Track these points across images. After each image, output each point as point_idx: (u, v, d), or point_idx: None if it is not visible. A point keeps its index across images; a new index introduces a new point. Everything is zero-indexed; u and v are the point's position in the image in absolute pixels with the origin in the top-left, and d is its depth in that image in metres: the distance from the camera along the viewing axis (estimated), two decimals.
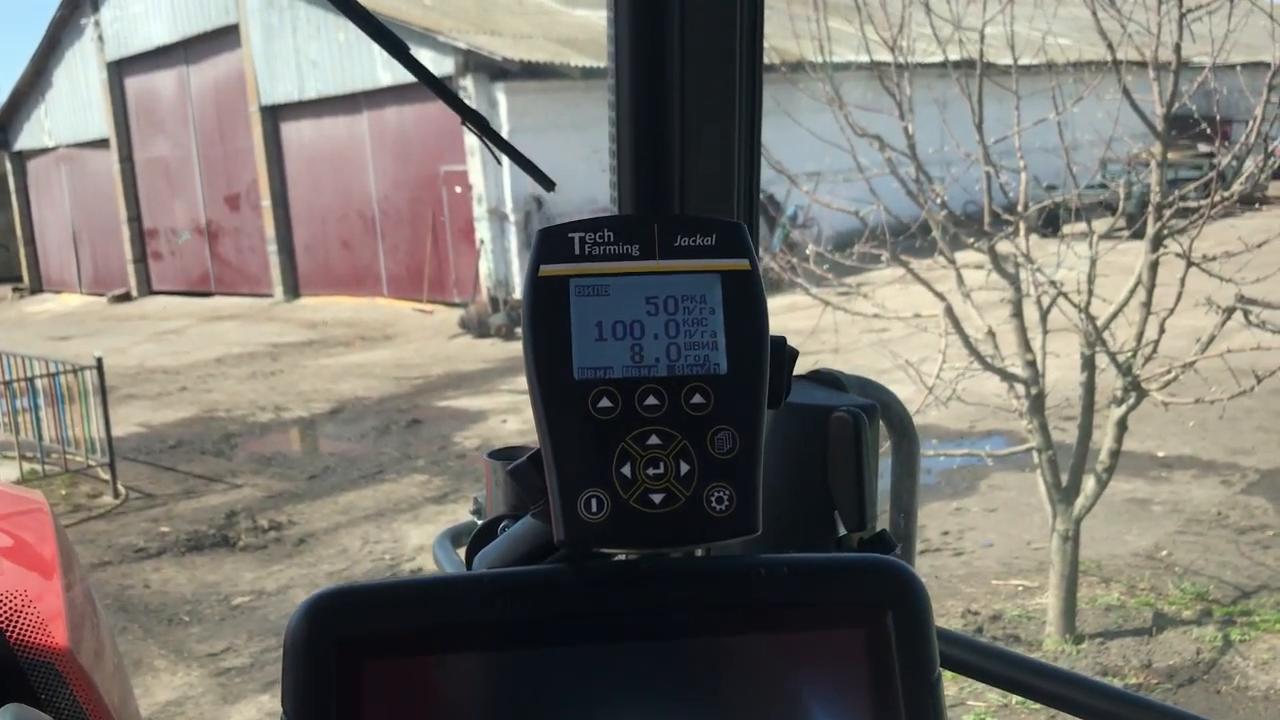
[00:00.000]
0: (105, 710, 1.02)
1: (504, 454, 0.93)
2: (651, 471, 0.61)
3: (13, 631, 0.98)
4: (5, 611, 0.99)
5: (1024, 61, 5.35)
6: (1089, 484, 5.09)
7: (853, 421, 0.89)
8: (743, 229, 0.65)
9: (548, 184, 1.06)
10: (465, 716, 0.60)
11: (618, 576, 0.63)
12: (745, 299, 0.64)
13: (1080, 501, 5.07)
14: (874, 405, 0.94)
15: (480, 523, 1.06)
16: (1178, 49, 4.63)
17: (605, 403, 0.62)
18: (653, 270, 0.64)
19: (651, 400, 0.62)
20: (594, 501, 0.61)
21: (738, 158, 1.02)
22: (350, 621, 0.59)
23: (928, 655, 0.61)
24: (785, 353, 0.68)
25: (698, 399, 0.62)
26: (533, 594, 0.62)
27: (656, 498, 0.61)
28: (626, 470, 0.61)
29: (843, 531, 0.91)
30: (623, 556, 0.66)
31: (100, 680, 1.06)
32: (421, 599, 0.61)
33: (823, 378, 1.03)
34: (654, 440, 0.62)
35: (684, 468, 0.61)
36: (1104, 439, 5.08)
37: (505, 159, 1.04)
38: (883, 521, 0.98)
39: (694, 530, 0.61)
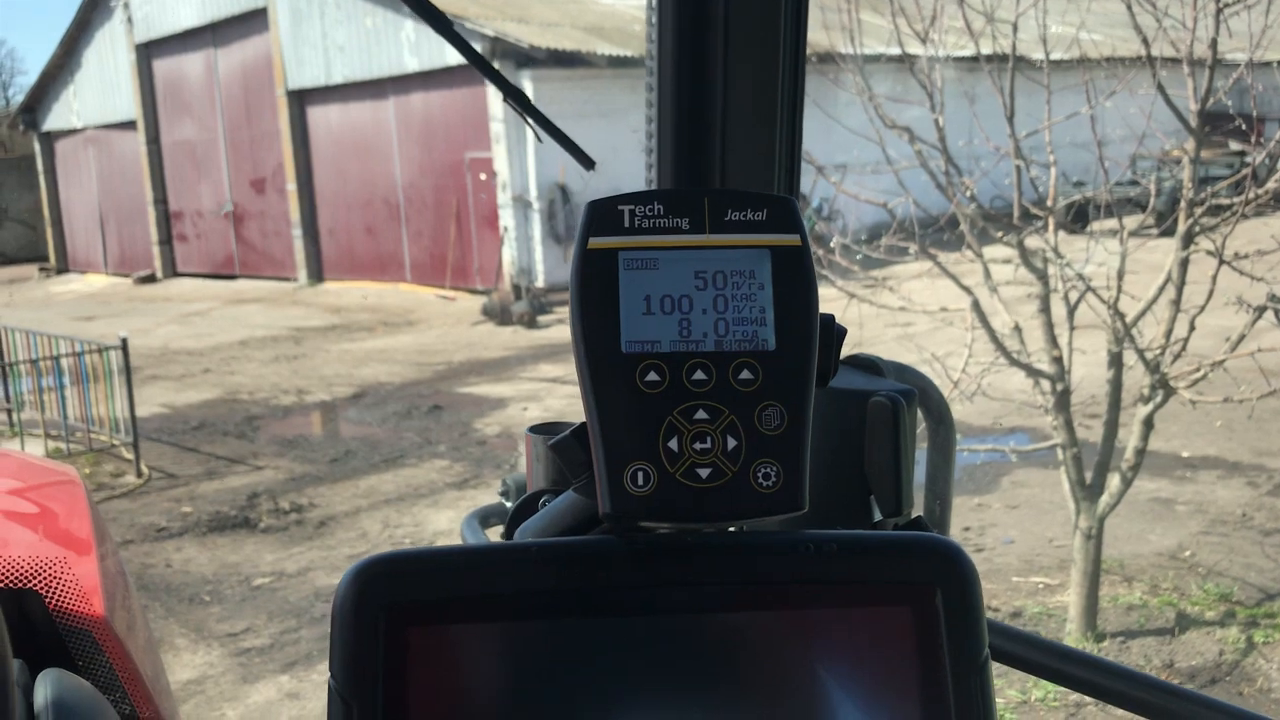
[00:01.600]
0: (140, 681, 1.02)
1: (545, 429, 0.93)
2: (698, 446, 0.61)
3: (51, 597, 0.98)
4: (44, 577, 0.99)
5: (1056, 56, 5.31)
6: (1113, 482, 5.06)
7: (891, 407, 0.89)
8: (794, 204, 0.65)
9: (588, 162, 1.05)
10: (509, 684, 0.60)
11: (664, 549, 0.62)
12: (795, 275, 0.64)
13: (1104, 499, 5.04)
14: (912, 391, 0.94)
15: (509, 505, 1.06)
16: (1214, 44, 4.58)
17: (653, 376, 0.62)
18: (702, 244, 0.64)
19: (699, 375, 0.62)
20: (640, 475, 0.60)
21: (779, 137, 1.01)
22: (398, 587, 0.59)
23: (976, 636, 0.61)
24: (833, 331, 0.67)
25: (746, 374, 0.62)
26: (580, 564, 0.62)
27: (703, 472, 0.61)
28: (673, 444, 0.61)
29: (878, 516, 0.90)
30: (665, 531, 0.66)
31: (134, 651, 1.06)
32: (469, 567, 0.61)
33: (861, 363, 1.02)
34: (701, 415, 0.61)
35: (731, 443, 0.61)
36: (1130, 437, 5.05)
37: (545, 136, 1.04)
38: (917, 509, 0.98)
39: (740, 505, 0.61)
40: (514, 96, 1.02)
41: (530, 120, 1.02)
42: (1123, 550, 5.92)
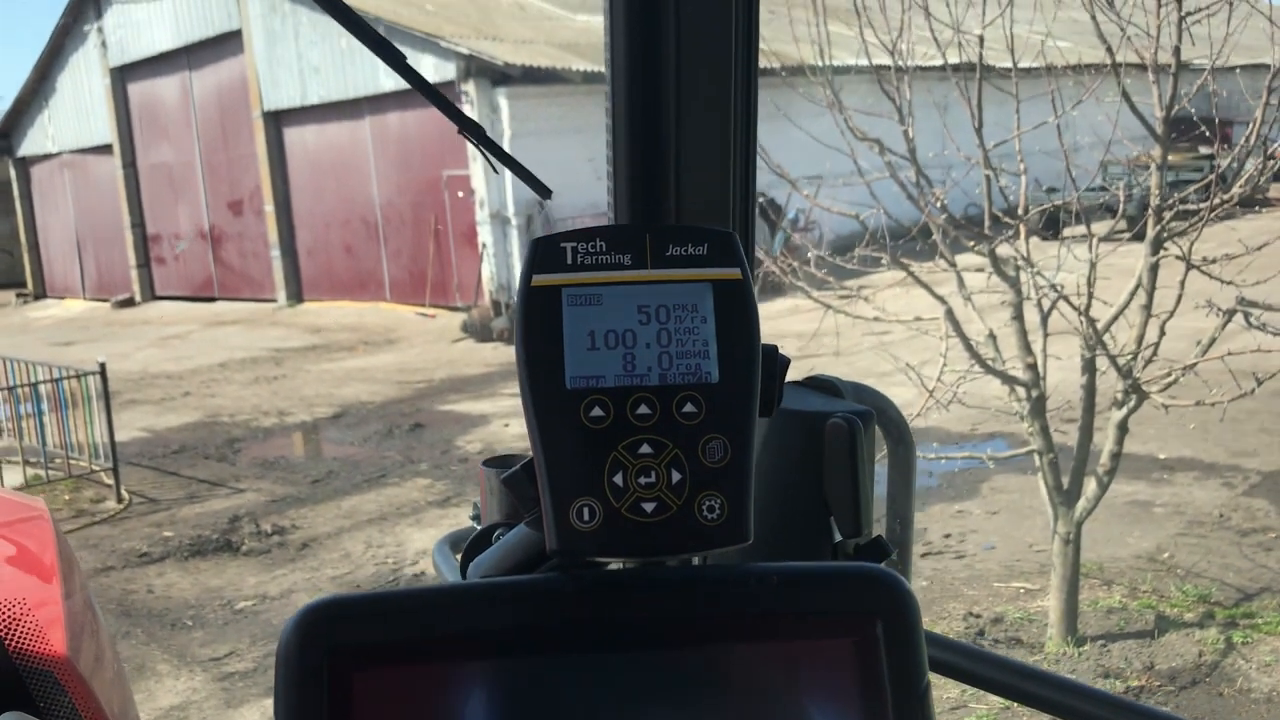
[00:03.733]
0: (104, 717, 1.02)
1: (499, 462, 0.94)
2: (643, 480, 0.61)
3: (11, 639, 0.98)
4: (4, 619, 0.99)
5: (1024, 64, 5.35)
6: (1090, 486, 5.09)
7: (848, 428, 0.89)
8: (734, 238, 0.66)
9: (544, 192, 1.06)
10: None
11: (609, 585, 0.63)
12: (737, 308, 0.65)
13: (1082, 504, 5.07)
14: (870, 411, 0.94)
15: (477, 529, 1.07)
16: (1177, 51, 4.63)
17: (597, 411, 0.62)
18: (645, 279, 0.65)
19: (643, 409, 0.63)
20: (586, 510, 0.61)
21: (733, 164, 1.02)
22: (342, 631, 0.59)
23: (917, 664, 0.62)
24: (777, 361, 0.68)
25: (689, 408, 0.63)
26: (525, 603, 0.62)
27: (648, 506, 0.61)
28: (619, 479, 0.61)
29: (838, 538, 0.91)
30: (615, 565, 0.66)
31: (99, 688, 1.06)
32: (413, 608, 0.61)
33: (819, 384, 1.03)
34: (645, 449, 0.62)
35: (675, 476, 0.62)
36: (1105, 441, 5.08)
37: (502, 167, 1.05)
38: (879, 528, 0.99)
39: (685, 539, 0.61)
40: (467, 126, 1.02)
41: (483, 149, 1.02)
42: (1101, 553, 5.95)
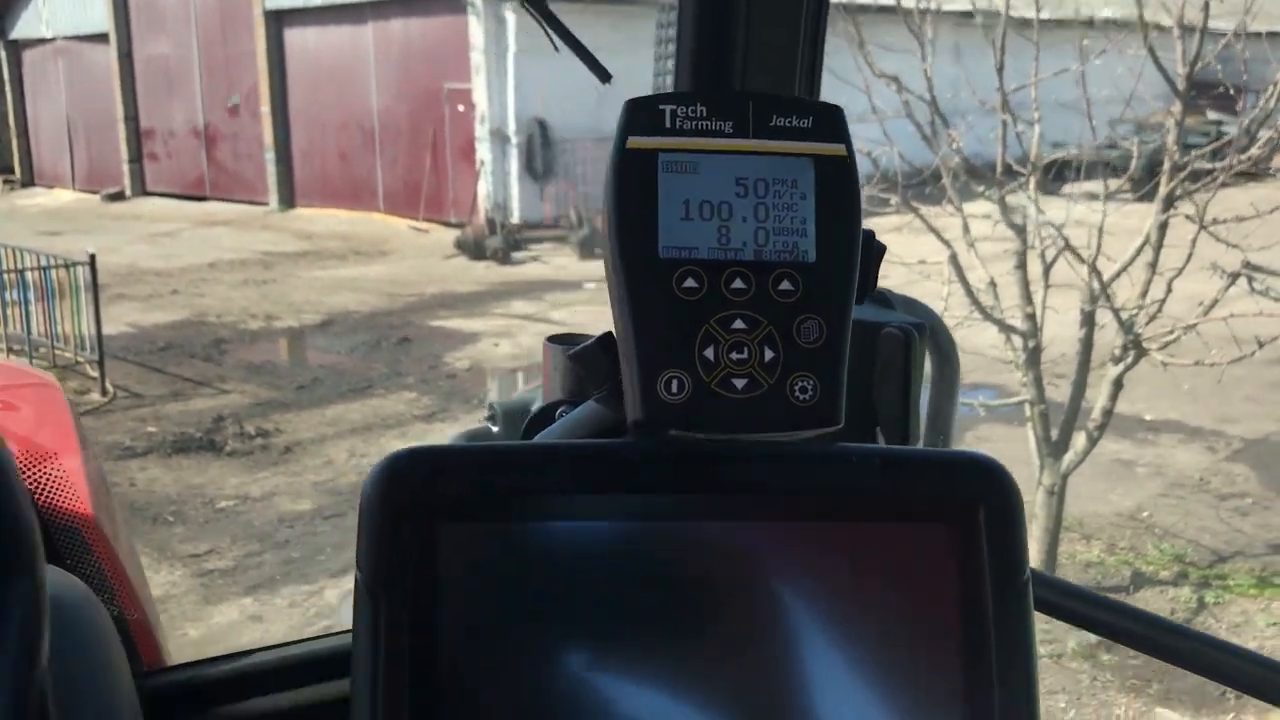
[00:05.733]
0: (127, 580, 1.01)
1: (563, 339, 0.92)
2: (735, 356, 0.60)
3: (41, 493, 0.96)
4: (34, 473, 0.97)
5: (1045, 15, 5.27)
6: (1079, 440, 5.11)
7: (904, 338, 0.88)
8: (841, 113, 0.63)
9: (604, 75, 1.03)
10: (537, 584, 0.59)
11: (701, 457, 0.61)
12: (839, 186, 0.62)
13: (1069, 457, 5.10)
14: (924, 324, 0.93)
15: (495, 429, 1.05)
16: (1206, 8, 4.57)
17: (690, 283, 0.60)
18: (745, 150, 0.62)
19: (738, 284, 0.60)
20: (675, 382, 0.59)
21: (802, 36, 0.98)
22: (427, 483, 0.58)
23: (1019, 555, 0.60)
24: (874, 246, 0.66)
25: (786, 285, 0.61)
26: (611, 467, 0.60)
27: (739, 383, 0.59)
28: (709, 353, 0.59)
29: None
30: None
31: (121, 554, 1.05)
32: (500, 464, 0.59)
33: (871, 294, 1.01)
34: (739, 324, 0.60)
35: (769, 354, 0.60)
36: (1097, 397, 5.09)
37: (561, 44, 1.02)
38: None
39: (776, 418, 0.60)
40: (532, 1, 0.99)
41: (544, 24, 0.99)
42: (1083, 509, 6.01)
